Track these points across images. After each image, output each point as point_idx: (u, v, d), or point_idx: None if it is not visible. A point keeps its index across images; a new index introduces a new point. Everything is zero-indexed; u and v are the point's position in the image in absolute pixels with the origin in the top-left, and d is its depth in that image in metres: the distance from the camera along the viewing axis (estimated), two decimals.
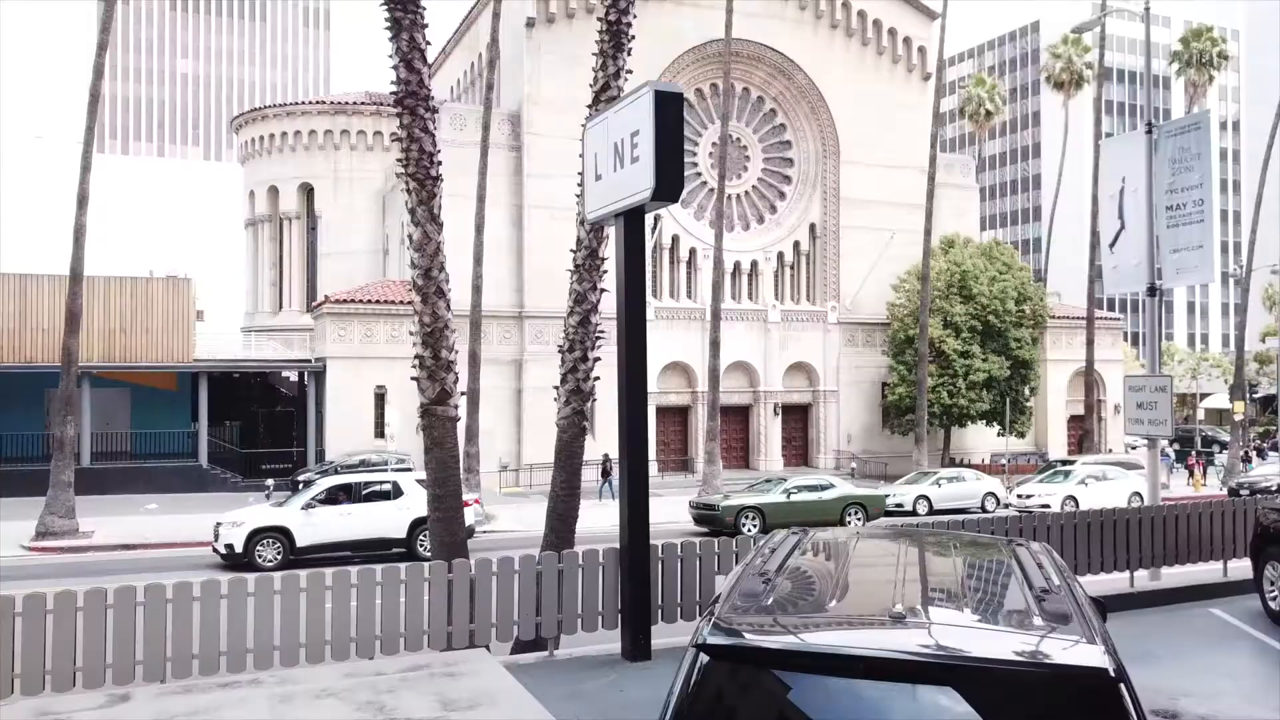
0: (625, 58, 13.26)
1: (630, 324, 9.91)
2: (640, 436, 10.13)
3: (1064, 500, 31.58)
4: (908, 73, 48.98)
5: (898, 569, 4.96)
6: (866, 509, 29.21)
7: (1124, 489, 33.14)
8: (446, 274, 11.93)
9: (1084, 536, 12.24)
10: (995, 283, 43.51)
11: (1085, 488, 32.40)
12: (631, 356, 9.86)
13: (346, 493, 22.42)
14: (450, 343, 11.88)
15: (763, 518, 27.13)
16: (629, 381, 9.98)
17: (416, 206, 11.64)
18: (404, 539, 22.09)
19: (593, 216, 10.28)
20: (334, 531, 21.57)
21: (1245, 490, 35.56)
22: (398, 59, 11.65)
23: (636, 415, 10.13)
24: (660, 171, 8.97)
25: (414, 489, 22.28)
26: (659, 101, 9.07)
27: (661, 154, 9.06)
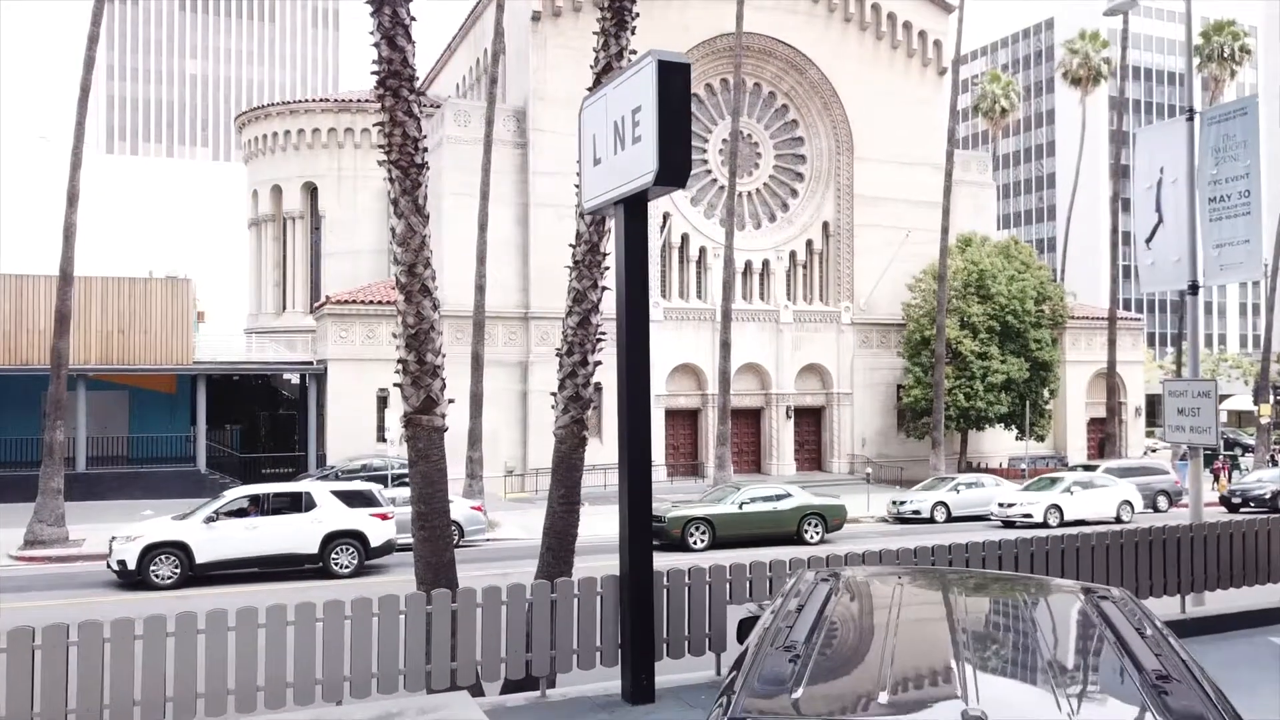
0: (629, 37, 12.24)
1: (631, 323, 8.88)
2: (642, 451, 9.09)
3: (1047, 510, 30.09)
4: (923, 67, 47.85)
5: (958, 636, 3.92)
6: (825, 520, 26.96)
7: (1113, 498, 31.69)
8: (433, 270, 10.93)
9: (1130, 557, 11.17)
10: (1014, 282, 42.34)
11: (1071, 496, 30.83)
12: (633, 360, 8.83)
13: (256, 504, 20.94)
14: (437, 346, 10.89)
15: (712, 530, 25.26)
16: (630, 388, 8.95)
17: (400, 197, 10.64)
18: (316, 554, 20.74)
19: (590, 205, 9.25)
20: (238, 547, 20.18)
21: (1238, 497, 34.25)
22: (379, 35, 10.66)
23: (638, 426, 9.08)
24: (664, 152, 7.90)
25: (328, 501, 21.19)
26: (663, 73, 7.97)
27: (666, 132, 7.97)
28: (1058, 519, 29.94)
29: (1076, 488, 31.17)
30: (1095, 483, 32.00)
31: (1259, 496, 34.10)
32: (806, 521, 26.47)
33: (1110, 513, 31.13)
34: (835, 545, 25.60)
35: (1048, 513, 29.99)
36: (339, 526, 20.94)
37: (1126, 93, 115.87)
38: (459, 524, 26.87)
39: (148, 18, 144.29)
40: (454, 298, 38.92)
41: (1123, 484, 32.57)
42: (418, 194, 10.70)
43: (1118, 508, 31.38)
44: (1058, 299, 44.27)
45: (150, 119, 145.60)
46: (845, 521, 27.61)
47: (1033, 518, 29.89)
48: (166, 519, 21.52)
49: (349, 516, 21.18)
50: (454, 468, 36.77)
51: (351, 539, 21.05)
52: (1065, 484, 31.40)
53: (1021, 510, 30.29)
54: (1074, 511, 30.42)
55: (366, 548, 21.21)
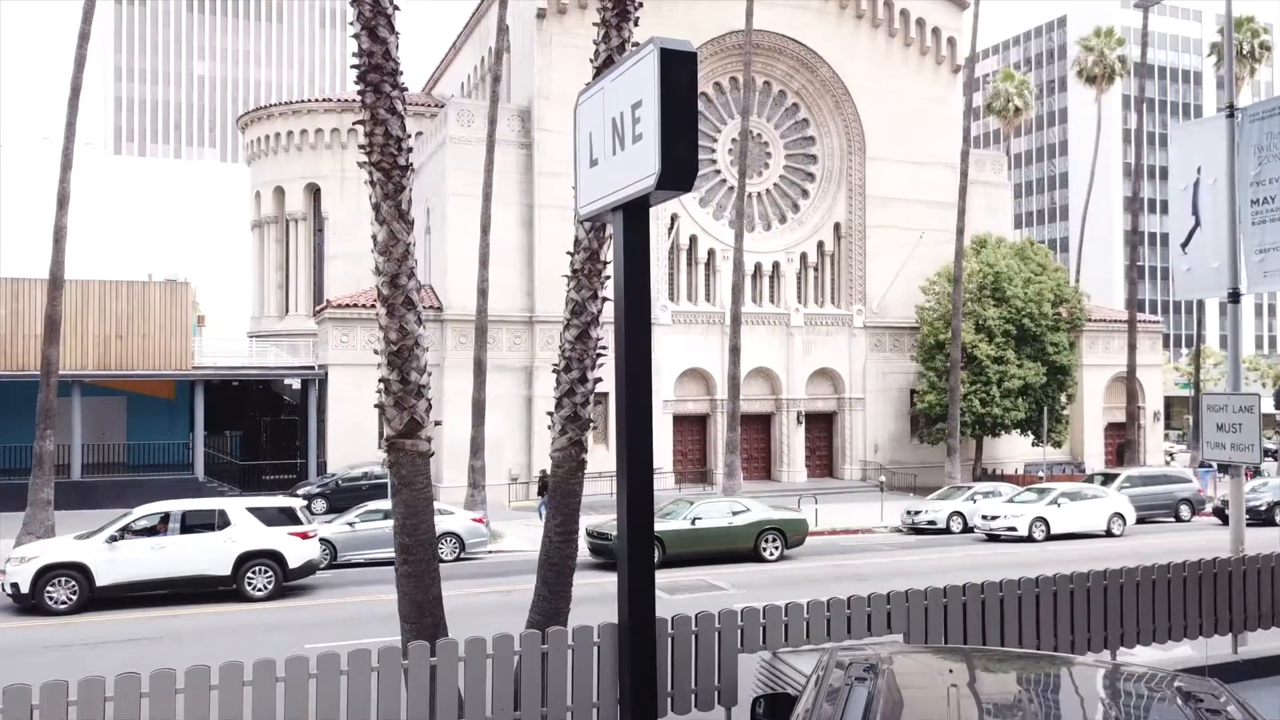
0: (632, 29, 11.36)
1: (631, 341, 7.95)
2: (644, 483, 8.15)
3: (1032, 523, 28.62)
4: (936, 65, 46.85)
5: None
6: (785, 535, 25.48)
7: (1103, 510, 30.02)
8: (417, 281, 10.05)
9: (1179, 593, 10.22)
10: (1030, 285, 41.33)
11: (1057, 509, 29.27)
12: (633, 381, 7.91)
13: (165, 523, 19.62)
14: (422, 364, 10.00)
15: (663, 547, 23.72)
16: (630, 414, 8.03)
17: (381, 201, 9.77)
18: (229, 576, 19.51)
19: (586, 211, 8.35)
20: (143, 568, 18.86)
21: (1224, 505, 33.09)
22: (359, 26, 9.80)
23: (639, 455, 8.14)
24: (668, 152, 6.94)
25: (244, 519, 19.86)
26: (666, 62, 7.01)
27: (669, 129, 7.01)
28: (1044, 532, 28.62)
29: (1064, 499, 29.67)
30: (1084, 494, 30.48)
31: (1254, 508, 32.30)
32: (764, 537, 25.18)
33: (1100, 525, 29.67)
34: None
35: (1033, 526, 28.61)
36: (254, 546, 19.65)
37: (1146, 91, 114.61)
38: (459, 536, 26.08)
39: (155, 19, 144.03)
40: (457, 301, 38.13)
41: (1114, 495, 30.92)
42: (401, 198, 9.84)
43: (1108, 520, 29.77)
44: (1075, 302, 43.23)
45: (158, 120, 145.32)
46: (806, 536, 26.15)
47: (1017, 531, 28.55)
48: (68, 538, 20.16)
49: (265, 536, 19.87)
50: (456, 475, 36.09)
51: (268, 559, 19.76)
52: (1052, 496, 29.87)
53: (1006, 523, 28.90)
54: (1061, 524, 29.03)
55: (284, 569, 19.88)
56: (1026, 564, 24.49)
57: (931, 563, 25.02)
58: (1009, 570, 23.77)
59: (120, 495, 35.14)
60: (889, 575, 23.27)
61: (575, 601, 10.66)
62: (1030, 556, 25.81)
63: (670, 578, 22.68)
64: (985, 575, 19.18)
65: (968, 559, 25.61)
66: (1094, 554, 26.48)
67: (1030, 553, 26.39)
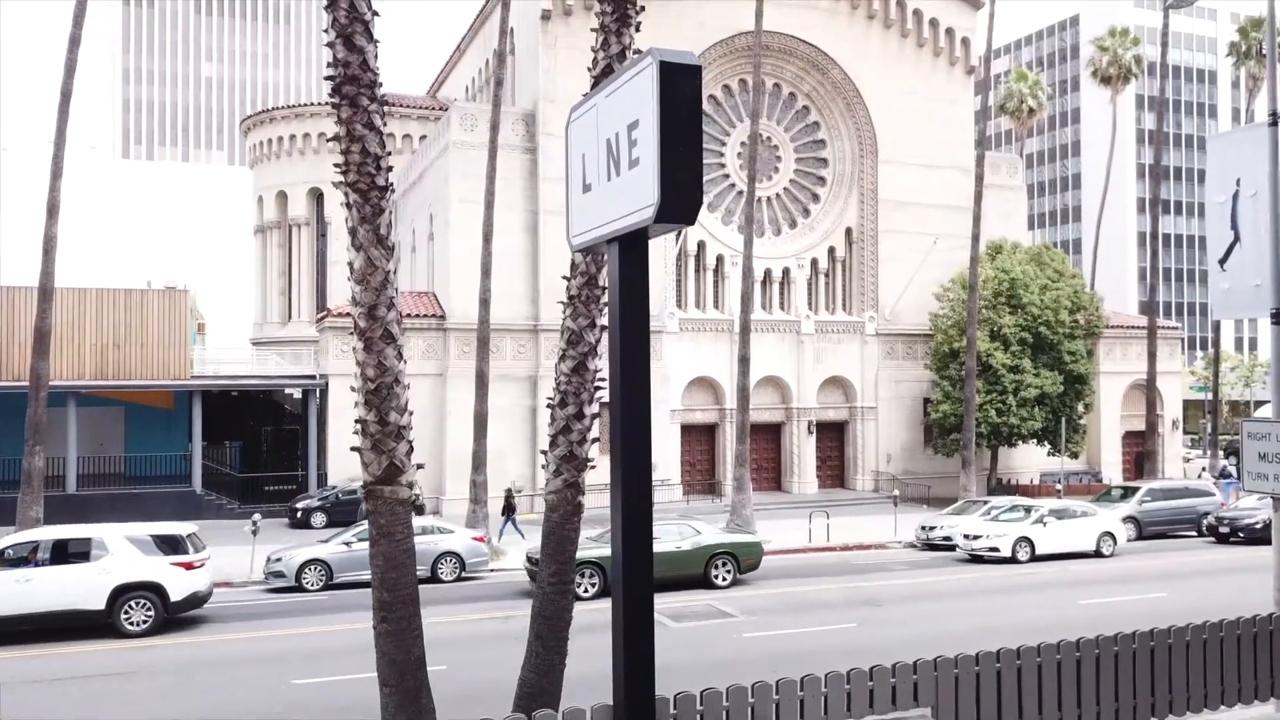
0: (632, 35, 10.52)
1: (628, 384, 7.06)
2: (643, 543, 7.27)
3: (1015, 543, 27.36)
4: (950, 66, 45.87)
5: None
6: (738, 560, 24.26)
7: (1092, 529, 28.57)
8: (398, 312, 9.21)
9: (1248, 653, 9.32)
10: (1046, 291, 40.31)
11: (1043, 528, 27.97)
12: (629, 428, 7.01)
13: (35, 553, 18.39)
14: (402, 402, 9.17)
15: (603, 575, 22.30)
16: (625, 464, 7.15)
17: (358, 225, 8.94)
18: (103, 610, 18.25)
19: (578, 242, 7.47)
20: (6, 603, 17.63)
21: (1225, 526, 31.51)
22: (334, 33, 8.99)
23: (636, 510, 7.26)
24: (668, 180, 5.98)
25: (121, 548, 18.54)
26: (667, 76, 6.04)
27: (670, 153, 6.03)
28: (1028, 553, 27.44)
29: (1050, 518, 28.30)
30: (1072, 512, 29.07)
31: (1249, 526, 31.03)
32: (715, 563, 23.89)
33: (1089, 545, 28.33)
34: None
35: (1016, 546, 27.37)
36: (131, 578, 18.41)
37: (1153, 91, 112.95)
38: (460, 556, 25.30)
39: (164, 20, 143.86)
40: (460, 310, 37.34)
41: (1104, 513, 29.61)
42: (379, 222, 9.01)
43: (1098, 540, 28.41)
44: (1093, 309, 42.18)
45: (166, 122, 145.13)
46: (761, 560, 24.82)
47: (999, 551, 27.31)
48: None
49: (145, 566, 18.59)
50: (458, 487, 35.23)
51: (147, 592, 18.54)
52: (1038, 514, 28.46)
53: (988, 543, 27.60)
54: (1047, 545, 27.76)
55: (166, 602, 18.71)
56: (1002, 588, 23.64)
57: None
58: (985, 596, 22.88)
59: (116, 509, 34.42)
60: (905, 599, 22.37)
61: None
62: (1004, 580, 24.92)
63: (673, 602, 21.82)
64: (960, 604, 18.23)
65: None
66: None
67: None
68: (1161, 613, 20.49)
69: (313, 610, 21.46)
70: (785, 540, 31.90)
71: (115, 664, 16.90)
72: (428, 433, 38.09)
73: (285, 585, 23.99)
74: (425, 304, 39.32)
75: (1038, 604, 21.86)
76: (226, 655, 17.69)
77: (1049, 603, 22.06)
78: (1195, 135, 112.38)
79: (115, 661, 17.07)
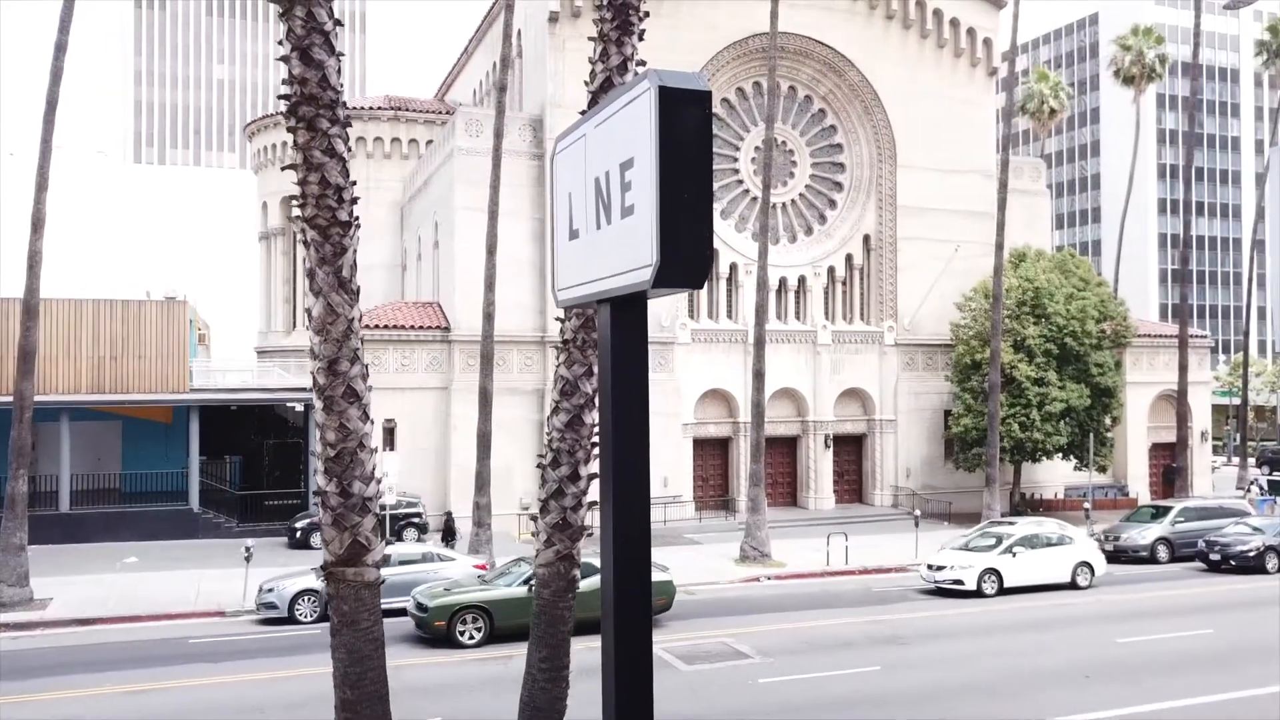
0: (635, 44, 9.30)
1: (621, 460, 5.81)
2: (641, 644, 6.01)
3: (981, 576, 25.43)
4: (971, 68, 44.45)
5: None
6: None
7: (1067, 559, 26.65)
8: (364, 366, 8.01)
9: None
10: (1072, 301, 38.84)
11: (1012, 559, 26.01)
12: (623, 512, 5.76)
13: None
14: (368, 469, 7.96)
15: (490, 621, 20.49)
16: (619, 552, 5.91)
17: (316, 268, 7.76)
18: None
19: (565, 296, 6.20)
20: None
21: (1217, 552, 29.47)
22: (289, 45, 7.80)
23: (632, 597, 6.02)
24: (669, 236, 4.63)
25: None
26: (667, 106, 4.68)
27: (672, 202, 4.67)
28: (995, 586, 25.56)
29: (1021, 548, 26.30)
30: (1045, 540, 27.01)
31: (1241, 554, 29.07)
32: None
33: (1063, 576, 26.48)
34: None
35: (983, 579, 25.42)
36: None
37: (1182, 90, 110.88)
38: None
39: (175, 22, 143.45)
40: (465, 321, 36.21)
41: (1082, 541, 27.68)
42: (342, 262, 7.81)
43: (1073, 571, 26.54)
44: (1120, 319, 40.66)
45: (178, 124, 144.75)
46: (672, 600, 22.59)
47: (964, 584, 25.34)
48: None
49: None
50: (462, 505, 34.03)
51: None
52: (1008, 543, 26.36)
53: (952, 575, 25.60)
54: (1017, 577, 25.86)
55: None
56: (1032, 624, 22.17)
57: (939, 622, 22.77)
58: (1017, 633, 21.27)
59: (111, 528, 33.49)
60: (931, 636, 21.01)
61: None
62: (1040, 615, 23.49)
63: (685, 640, 20.57)
64: (990, 642, 16.86)
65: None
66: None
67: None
68: (1219, 654, 19.23)
69: (305, 646, 20.31)
70: (802, 563, 30.63)
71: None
72: (432, 448, 37.01)
73: (278, 616, 22.85)
74: (429, 315, 38.21)
75: (1074, 642, 20.55)
76: (204, 704, 16.57)
77: (1088, 640, 20.76)
78: (1218, 135, 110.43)
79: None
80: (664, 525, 35.85)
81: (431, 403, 36.87)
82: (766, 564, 30.28)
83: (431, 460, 36.85)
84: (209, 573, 28.39)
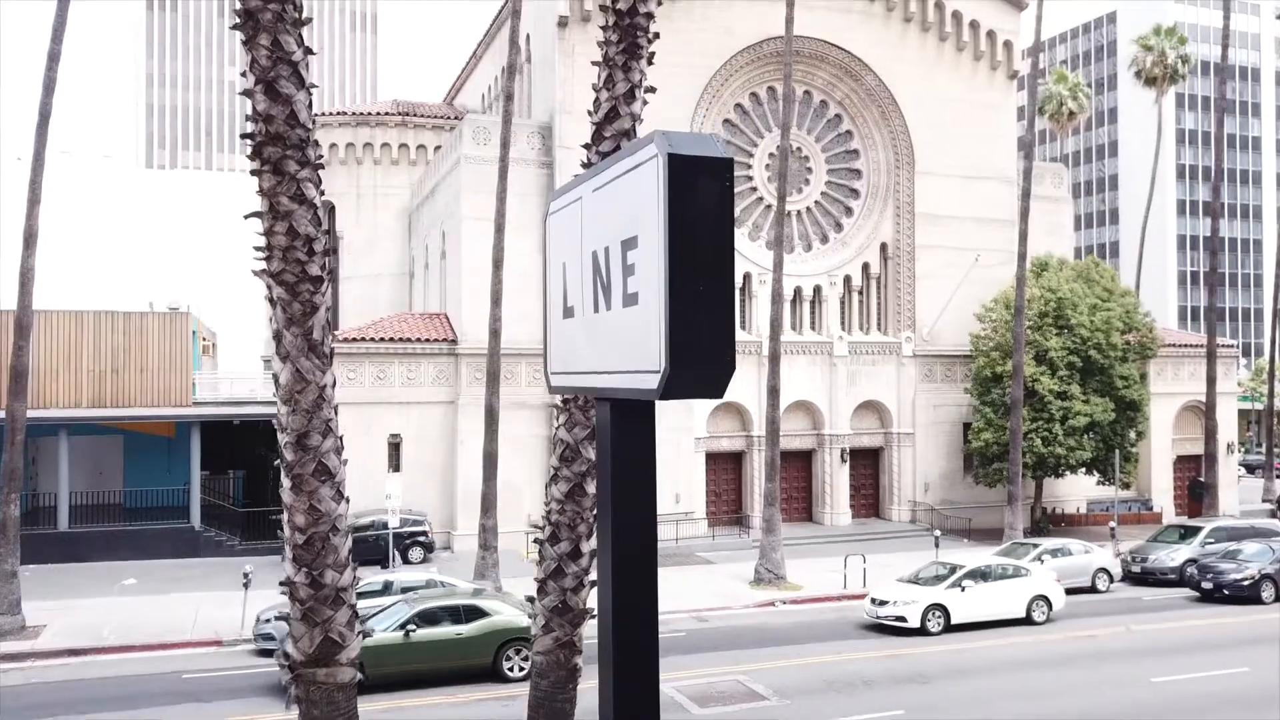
0: (643, 69, 8.38)
1: (624, 586, 4.89)
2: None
3: (925, 612, 23.45)
4: (991, 71, 43.33)
5: None
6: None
7: (1022, 593, 24.66)
8: (339, 440, 7.14)
9: None
10: (1096, 312, 37.70)
11: (960, 594, 24.05)
12: (626, 663, 4.84)
13: None
14: (343, 557, 7.08)
15: (361, 669, 18.74)
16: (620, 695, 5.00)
17: (284, 329, 6.87)
18: None
19: (559, 382, 5.27)
20: None
21: (1209, 580, 27.46)
22: (253, 78, 6.91)
23: None
24: (680, 338, 3.59)
25: None
26: (679, 177, 3.65)
27: (685, 297, 3.63)
28: (941, 623, 23.61)
29: (970, 581, 24.33)
30: (998, 572, 25.04)
31: (1235, 583, 27.14)
32: (509, 651, 19.76)
33: (1018, 610, 24.56)
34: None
35: (927, 616, 23.46)
36: None
37: (1200, 89, 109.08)
38: None
39: (186, 24, 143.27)
40: (472, 334, 35.35)
41: (1039, 573, 25.74)
42: (312, 323, 6.90)
43: (1028, 606, 24.60)
44: (1146, 330, 39.48)
45: (189, 126, 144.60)
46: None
47: (906, 622, 23.45)
48: None
49: None
50: (469, 522, 33.18)
51: None
52: (956, 576, 24.32)
53: (894, 611, 23.74)
54: (965, 612, 23.94)
55: None
56: (1057, 659, 20.80)
57: (964, 658, 21.69)
58: (1052, 669, 19.91)
59: (111, 547, 32.79)
60: (956, 673, 19.81)
61: None
62: (1065, 650, 21.99)
63: (697, 678, 19.61)
64: (1022, 680, 15.67)
65: None
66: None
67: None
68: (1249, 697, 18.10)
69: None
70: (819, 585, 29.65)
71: None
72: (438, 464, 36.18)
73: (275, 648, 22.00)
74: (437, 327, 37.37)
75: (1105, 680, 19.51)
76: None
77: (1120, 679, 19.73)
78: (1239, 135, 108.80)
79: None
80: (676, 544, 34.94)
81: (438, 417, 36.04)
82: (782, 587, 29.33)
83: (438, 476, 36.04)
84: (209, 596, 27.65)
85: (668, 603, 25.96)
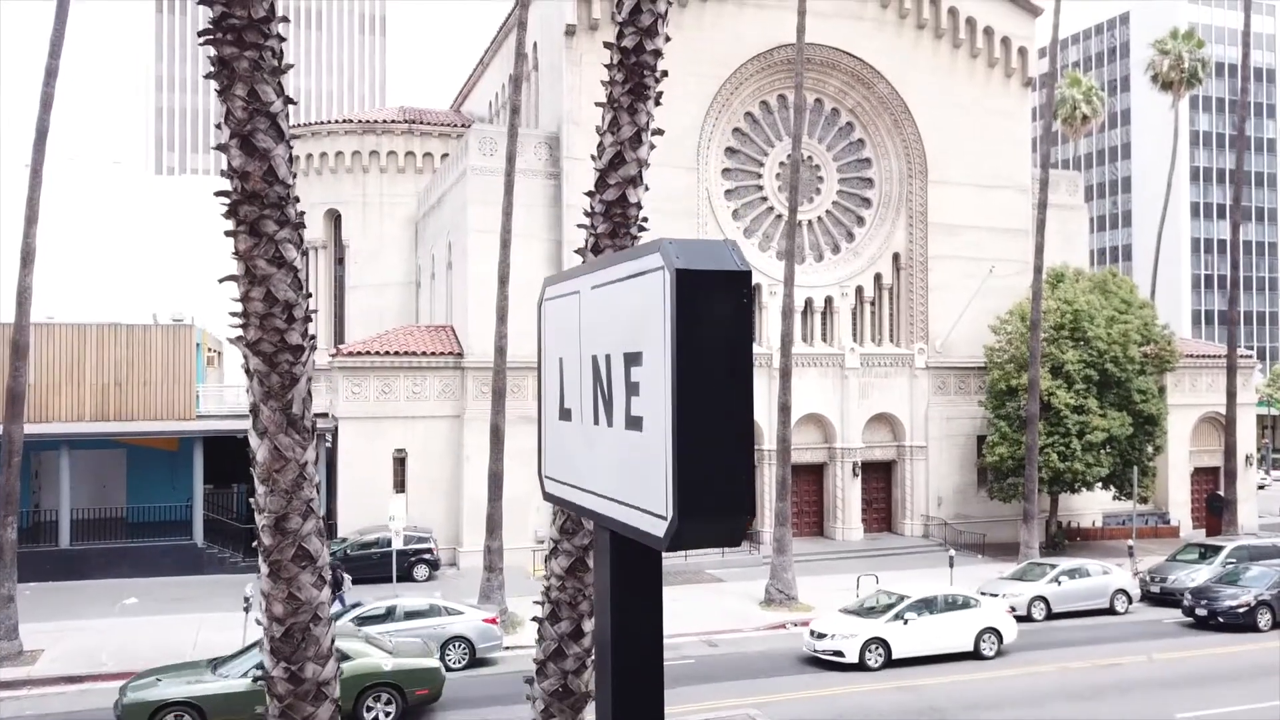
0: (650, 110, 7.83)
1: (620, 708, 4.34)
2: None
3: (865, 647, 22.20)
4: (1005, 78, 42.68)
5: None
6: (403, 692, 18.44)
7: (968, 625, 23.46)
8: (319, 523, 6.59)
9: None
10: (1114, 324, 37.03)
11: (903, 626, 22.75)
12: None
13: None
14: (324, 649, 6.55)
15: (201, 717, 17.04)
16: None
17: (261, 403, 6.35)
18: None
19: (553, 492, 4.71)
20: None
21: (1203, 607, 26.49)
22: (229, 131, 6.39)
23: None
24: (690, 485, 2.99)
25: None
26: (687, 294, 3.05)
27: (695, 435, 3.02)
28: (881, 658, 22.35)
29: (914, 613, 23.04)
30: (945, 603, 23.88)
31: (1230, 610, 25.93)
32: (369, 697, 18.22)
33: (965, 645, 23.37)
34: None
35: (866, 651, 22.21)
36: None
37: (1214, 91, 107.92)
38: (469, 640, 22.84)
39: (196, 26, 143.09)
40: (479, 348, 34.88)
41: (988, 604, 24.68)
42: (292, 396, 6.40)
43: (976, 639, 23.41)
44: (1164, 342, 38.78)
45: (199, 129, 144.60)
46: (441, 688, 19.20)
47: (844, 656, 22.19)
48: None
49: None
50: (475, 537, 32.67)
51: None
52: (898, 609, 23.01)
53: (832, 645, 22.46)
54: (908, 647, 22.67)
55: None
56: (1081, 691, 19.67)
57: (983, 688, 21.06)
58: (1084, 700, 19.02)
59: (112, 565, 32.37)
60: (972, 706, 19.33)
61: None
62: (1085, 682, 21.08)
63: (705, 711, 19.11)
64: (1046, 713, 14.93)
65: None
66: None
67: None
68: None
69: None
70: (830, 606, 29.05)
71: None
72: (444, 479, 35.72)
73: None
74: (443, 340, 36.90)
75: (1123, 713, 18.89)
76: None
77: (1140, 711, 19.12)
78: (1254, 136, 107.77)
79: None
80: (685, 559, 34.39)
81: (444, 431, 35.57)
82: (793, 608, 28.79)
83: (443, 491, 35.58)
84: (209, 618, 27.17)
85: (678, 624, 25.47)
